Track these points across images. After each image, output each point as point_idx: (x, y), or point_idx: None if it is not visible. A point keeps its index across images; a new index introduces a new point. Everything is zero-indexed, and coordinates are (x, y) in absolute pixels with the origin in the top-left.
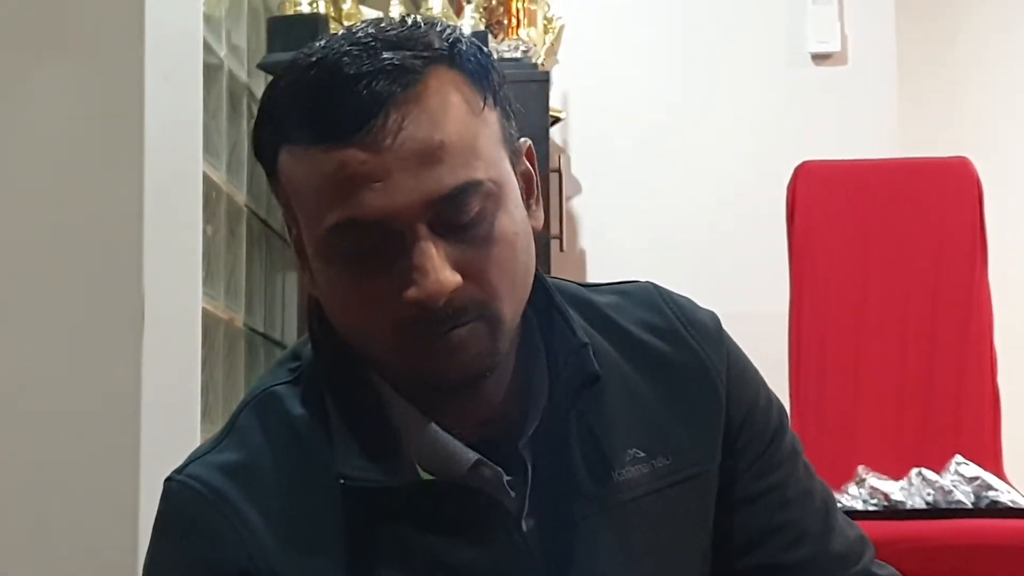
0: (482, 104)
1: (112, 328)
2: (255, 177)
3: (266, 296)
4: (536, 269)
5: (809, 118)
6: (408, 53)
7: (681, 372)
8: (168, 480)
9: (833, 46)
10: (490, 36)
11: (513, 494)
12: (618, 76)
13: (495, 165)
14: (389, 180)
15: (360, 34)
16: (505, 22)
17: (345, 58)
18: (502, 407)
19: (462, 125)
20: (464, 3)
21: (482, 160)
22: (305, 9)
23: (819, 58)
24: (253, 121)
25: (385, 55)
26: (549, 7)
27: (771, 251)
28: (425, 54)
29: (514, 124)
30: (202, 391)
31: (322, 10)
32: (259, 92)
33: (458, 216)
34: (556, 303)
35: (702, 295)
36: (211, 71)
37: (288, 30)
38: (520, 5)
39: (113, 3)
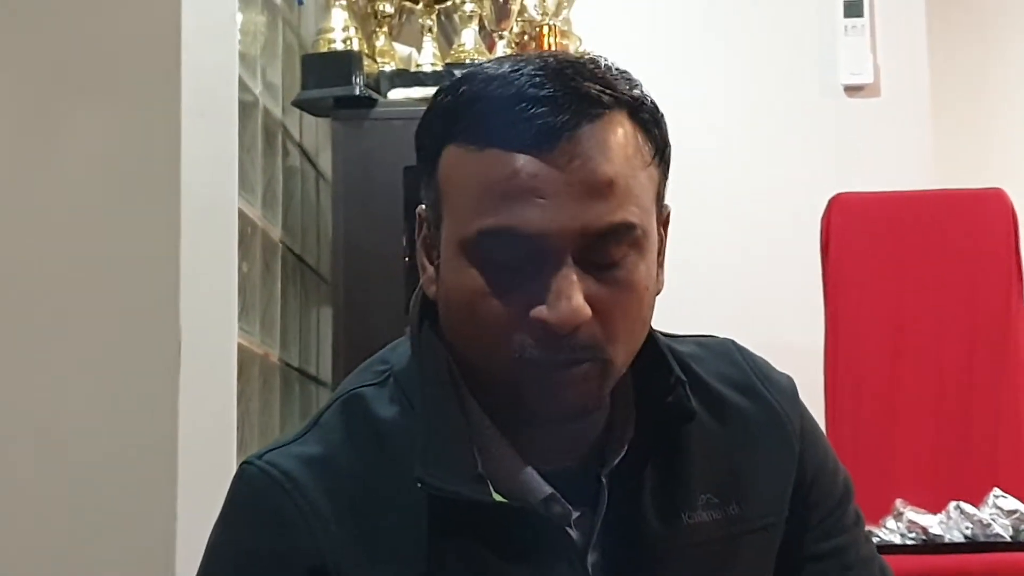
0: (650, 159)
1: (149, 363)
2: (290, 213)
3: (301, 331)
4: None
5: (842, 150)
6: (598, 88)
7: (757, 425)
8: (245, 463)
9: (866, 78)
10: None
11: (576, 534)
12: None
13: (648, 216)
14: (554, 200)
15: (551, 60)
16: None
17: (538, 77)
18: (583, 442)
19: (630, 169)
20: (496, 39)
21: (639, 208)
22: (339, 46)
23: (852, 90)
24: (424, 118)
25: (577, 84)
26: (581, 42)
27: (805, 283)
28: (613, 95)
29: (665, 193)
30: (237, 426)
31: (356, 47)
32: (293, 128)
33: (604, 255)
34: (655, 338)
35: (736, 327)
36: (246, 108)
37: (322, 67)
38: (552, 40)
39: (150, 42)
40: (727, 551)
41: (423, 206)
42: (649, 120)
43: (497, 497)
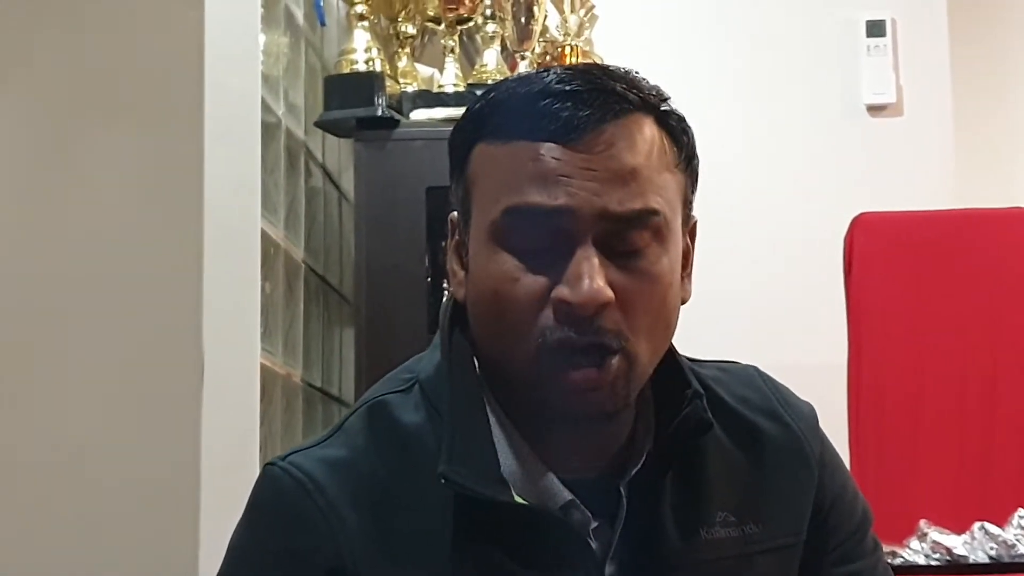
0: (675, 163)
1: (172, 384)
2: (313, 233)
3: (323, 352)
4: None
5: (865, 169)
6: (624, 86)
7: (777, 447)
8: (269, 464)
9: (888, 97)
10: None
11: (595, 544)
12: None
13: (672, 211)
14: (577, 181)
15: (579, 65)
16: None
17: (566, 75)
18: (606, 450)
19: (655, 164)
20: (518, 59)
21: (663, 199)
22: (361, 67)
23: (874, 109)
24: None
25: (604, 83)
26: (603, 62)
27: (828, 302)
28: (640, 96)
29: (693, 201)
30: (260, 446)
31: (378, 68)
32: (316, 149)
33: (626, 242)
34: (674, 352)
35: (758, 346)
36: (269, 129)
37: (344, 88)
38: (574, 60)
39: (173, 64)
40: (743, 569)
41: (454, 212)
42: (676, 127)
43: (519, 499)
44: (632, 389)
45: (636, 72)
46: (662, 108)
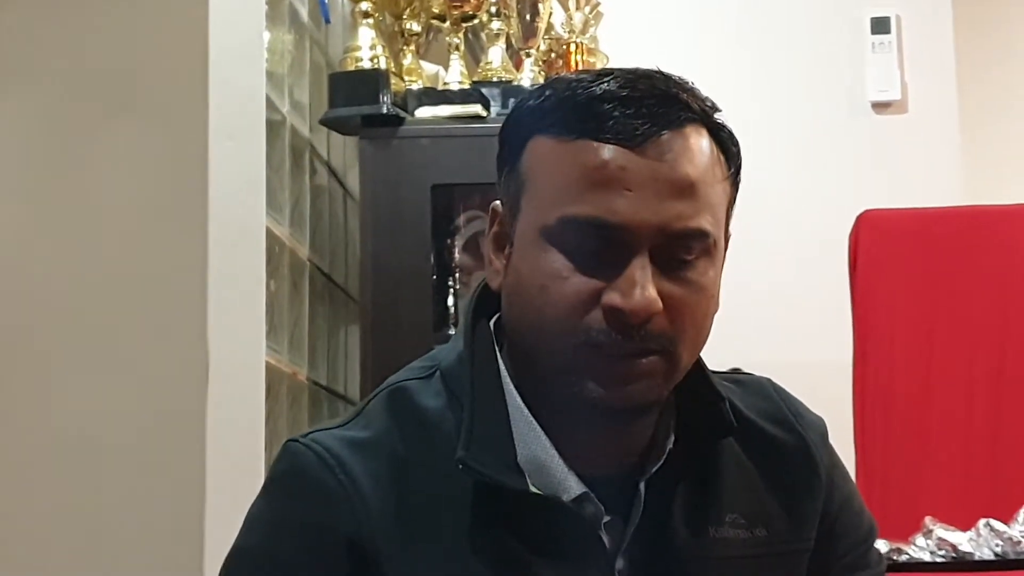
0: (725, 174)
1: (177, 382)
2: (318, 231)
3: (329, 350)
4: None
5: (870, 167)
6: (686, 96)
7: (788, 455)
8: (290, 441)
9: (893, 95)
10: None
11: (607, 537)
12: None
13: (719, 229)
14: (640, 193)
15: (639, 69)
16: (564, 75)
17: (630, 78)
18: (628, 449)
19: (710, 177)
20: (523, 57)
21: (714, 218)
22: (366, 65)
23: (879, 107)
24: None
25: (666, 89)
26: (608, 60)
27: (834, 300)
28: (700, 106)
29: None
30: (266, 444)
31: (383, 66)
32: (321, 147)
33: (679, 255)
34: (699, 359)
35: (764, 344)
36: (274, 127)
37: (349, 86)
38: (579, 58)
39: (178, 63)
40: (750, 571)
41: (497, 202)
42: (727, 139)
43: (533, 489)
44: (667, 388)
45: (691, 81)
46: (716, 120)
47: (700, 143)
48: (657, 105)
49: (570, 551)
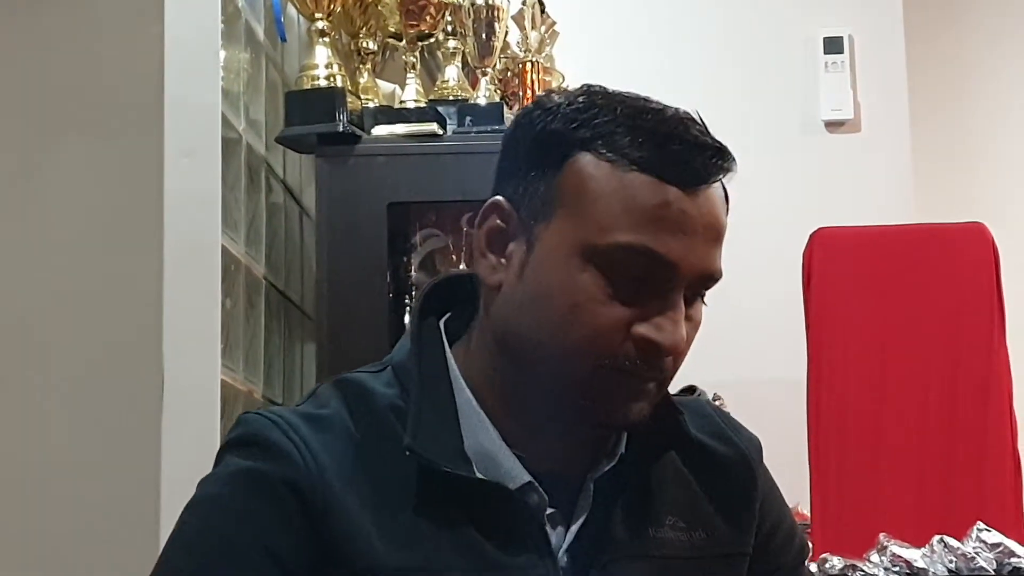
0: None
1: (132, 400)
2: (274, 249)
3: (284, 368)
4: None
5: (823, 185)
6: (725, 146)
7: (727, 466)
8: (243, 413)
9: (846, 113)
10: (505, 108)
11: (552, 530)
12: None
13: None
14: (692, 238)
15: (685, 113)
16: (520, 93)
17: (686, 119)
18: (587, 454)
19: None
20: (480, 75)
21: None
22: (322, 83)
23: (832, 125)
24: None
25: (714, 137)
26: (564, 79)
27: (787, 317)
28: (731, 156)
29: None
30: None
31: (339, 84)
32: (277, 165)
33: (697, 292)
34: None
35: (718, 362)
36: (230, 145)
37: (305, 104)
38: (535, 76)
39: (134, 80)
40: (690, 571)
41: (500, 197)
42: (726, 191)
43: (479, 475)
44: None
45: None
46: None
47: (723, 193)
48: (713, 155)
49: (514, 537)
